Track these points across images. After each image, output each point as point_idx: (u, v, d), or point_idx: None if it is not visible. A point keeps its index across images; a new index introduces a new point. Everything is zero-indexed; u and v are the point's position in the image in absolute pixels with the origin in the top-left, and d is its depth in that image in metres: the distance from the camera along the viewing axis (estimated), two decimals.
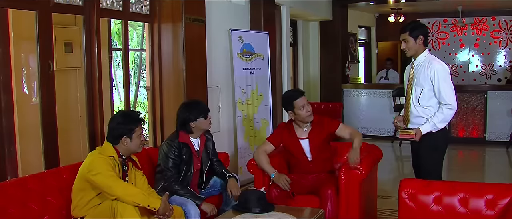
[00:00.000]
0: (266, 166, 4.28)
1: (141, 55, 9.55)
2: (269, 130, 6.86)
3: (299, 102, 4.27)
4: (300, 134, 4.39)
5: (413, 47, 3.99)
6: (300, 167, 4.41)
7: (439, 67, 3.90)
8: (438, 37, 12.13)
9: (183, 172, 4.05)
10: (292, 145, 4.39)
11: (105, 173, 3.30)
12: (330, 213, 4.03)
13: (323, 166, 4.41)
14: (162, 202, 3.38)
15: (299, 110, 4.26)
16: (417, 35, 3.95)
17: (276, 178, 4.20)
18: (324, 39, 10.34)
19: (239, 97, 6.34)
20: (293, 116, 4.32)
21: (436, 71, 3.87)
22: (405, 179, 3.41)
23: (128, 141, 3.48)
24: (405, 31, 3.98)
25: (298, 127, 4.40)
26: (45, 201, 3.37)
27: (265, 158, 4.31)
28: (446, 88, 3.86)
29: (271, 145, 4.39)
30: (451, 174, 7.39)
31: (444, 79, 3.88)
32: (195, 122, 4.06)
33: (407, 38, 3.97)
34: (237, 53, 6.32)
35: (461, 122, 9.25)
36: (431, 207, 3.14)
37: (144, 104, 9.67)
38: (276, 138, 4.44)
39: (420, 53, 4.01)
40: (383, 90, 9.80)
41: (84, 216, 3.40)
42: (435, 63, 3.91)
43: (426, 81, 3.92)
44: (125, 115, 3.60)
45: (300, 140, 4.36)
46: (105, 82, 4.72)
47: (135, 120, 3.53)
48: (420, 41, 3.96)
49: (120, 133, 3.46)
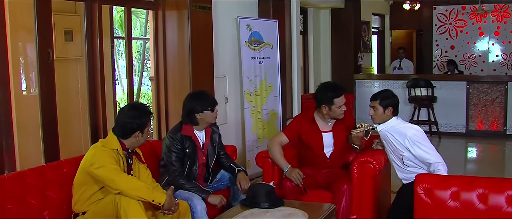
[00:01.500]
0: (280, 159, 4.26)
1: (144, 44, 9.55)
2: (278, 122, 6.84)
3: (340, 101, 4.22)
4: (323, 126, 4.35)
5: (380, 116, 4.08)
6: (316, 162, 4.38)
7: (412, 133, 3.95)
8: (455, 25, 12.02)
9: (187, 166, 4.04)
10: (312, 138, 4.34)
11: (108, 166, 3.29)
12: (344, 208, 4.02)
13: (339, 161, 4.39)
14: (167, 196, 3.37)
15: (336, 107, 4.21)
16: (387, 105, 4.05)
17: (289, 172, 4.18)
18: (336, 27, 10.27)
19: (247, 88, 6.31)
20: (325, 110, 4.25)
21: (410, 138, 3.92)
22: (421, 174, 3.39)
23: (140, 136, 3.49)
24: (375, 99, 4.09)
25: (321, 119, 4.36)
26: (44, 196, 3.37)
27: (279, 150, 4.28)
28: (426, 149, 3.92)
29: (286, 138, 4.35)
30: (470, 168, 7.36)
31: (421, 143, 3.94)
32: (201, 114, 4.04)
33: (376, 106, 4.07)
34: (245, 42, 6.29)
35: (479, 115, 9.19)
36: (448, 203, 3.11)
37: (148, 95, 9.69)
38: (293, 130, 4.39)
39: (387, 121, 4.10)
40: (397, 81, 9.74)
41: (86, 211, 3.40)
42: (408, 130, 3.97)
43: (403, 148, 3.99)
44: (138, 107, 3.58)
45: (323, 133, 4.32)
46: (107, 72, 4.72)
47: (147, 114, 3.55)
48: (389, 112, 4.05)
49: (134, 128, 3.46)
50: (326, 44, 10.36)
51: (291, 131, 4.40)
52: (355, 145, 4.31)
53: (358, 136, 4.25)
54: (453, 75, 10.49)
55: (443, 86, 9.33)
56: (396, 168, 4.16)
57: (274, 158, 4.30)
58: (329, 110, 4.23)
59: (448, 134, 9.27)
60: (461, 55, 12.02)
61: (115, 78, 5.33)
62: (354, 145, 4.32)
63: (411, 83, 9.19)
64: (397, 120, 4.09)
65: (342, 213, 4.02)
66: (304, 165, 4.44)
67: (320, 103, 4.27)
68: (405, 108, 9.09)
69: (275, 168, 4.38)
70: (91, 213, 3.38)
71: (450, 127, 9.37)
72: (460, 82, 9.36)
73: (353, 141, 4.30)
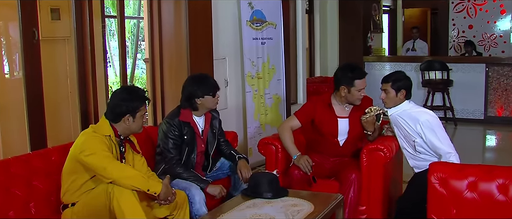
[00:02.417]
0: (289, 145, 4.26)
1: (138, 23, 9.53)
2: (282, 107, 6.83)
3: (361, 84, 4.20)
4: (340, 112, 4.33)
5: (393, 100, 4.07)
6: (327, 149, 4.38)
7: (425, 118, 3.96)
8: (474, 2, 11.92)
9: (185, 153, 4.03)
10: (326, 123, 4.32)
11: (100, 153, 3.28)
12: (353, 199, 4.02)
13: (351, 149, 4.39)
14: (163, 185, 3.37)
15: (356, 90, 4.19)
16: (399, 88, 4.05)
17: (297, 160, 4.17)
18: (344, 6, 10.21)
19: (249, 71, 6.30)
20: (343, 92, 4.23)
21: (423, 123, 3.92)
22: (435, 162, 3.37)
23: (130, 120, 3.47)
24: (387, 82, 4.09)
25: (338, 103, 4.34)
26: (30, 186, 3.36)
27: (290, 136, 4.28)
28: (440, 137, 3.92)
29: (298, 122, 4.34)
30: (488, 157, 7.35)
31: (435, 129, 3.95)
32: (202, 99, 4.04)
33: (388, 89, 4.07)
34: (247, 21, 6.26)
35: (499, 100, 9.16)
36: (465, 194, 3.09)
37: (142, 78, 9.70)
38: (305, 114, 4.38)
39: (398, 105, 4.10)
40: (410, 63, 9.73)
41: (76, 202, 3.39)
42: (421, 115, 3.98)
43: (415, 134, 4.00)
44: (131, 90, 3.58)
45: (339, 119, 4.31)
46: (98, 54, 4.69)
47: (141, 98, 3.52)
48: (401, 95, 4.05)
49: (123, 111, 3.45)
50: (334, 24, 10.31)
51: (303, 114, 4.38)
52: (368, 131, 4.30)
53: (369, 120, 4.24)
54: (471, 57, 10.45)
55: (459, 69, 9.29)
56: (407, 155, 4.15)
57: (284, 144, 4.30)
58: (348, 92, 4.21)
59: (465, 120, 9.26)
60: (480, 36, 11.93)
61: (107, 61, 5.32)
62: (366, 132, 4.31)
63: (425, 65, 9.16)
64: (409, 103, 4.08)
65: (349, 204, 4.01)
66: (312, 152, 4.41)
67: (339, 84, 4.25)
68: (418, 93, 9.08)
69: (279, 155, 4.37)
70: (81, 204, 3.37)
71: (467, 113, 9.35)
72: (478, 64, 9.30)
73: (365, 127, 4.29)
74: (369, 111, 4.22)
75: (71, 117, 5.15)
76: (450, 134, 8.27)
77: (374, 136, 4.33)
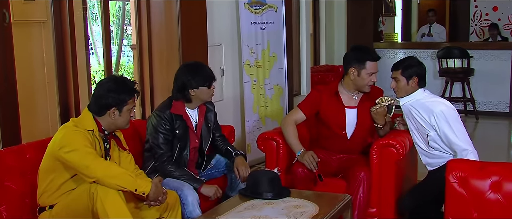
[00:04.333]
0: (293, 140, 4.28)
1: (124, 6, 9.52)
2: (283, 98, 6.84)
3: (373, 67, 4.21)
4: (347, 101, 4.35)
5: (404, 88, 4.11)
6: (333, 144, 4.39)
7: (440, 109, 3.97)
8: None
9: (177, 149, 4.04)
10: (333, 114, 4.33)
11: (82, 150, 3.27)
12: (362, 200, 4.03)
13: (360, 145, 4.40)
14: (153, 185, 3.37)
15: (366, 74, 4.20)
16: (410, 76, 4.07)
17: (301, 156, 4.18)
18: None
19: (247, 59, 6.31)
20: (352, 75, 4.24)
21: (437, 114, 3.94)
22: (454, 159, 3.38)
23: (116, 114, 3.47)
24: (397, 69, 4.13)
25: (346, 92, 4.35)
26: (2, 187, 3.34)
27: (294, 130, 4.30)
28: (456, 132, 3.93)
29: (302, 114, 4.37)
30: None
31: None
32: (196, 90, 4.05)
33: (398, 77, 4.11)
34: (245, 3, 6.26)
35: None
36: (488, 194, 3.09)
37: (129, 67, 9.69)
38: (310, 105, 4.40)
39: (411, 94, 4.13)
40: (426, 51, 9.74)
41: (54, 204, 3.39)
42: (436, 105, 4.00)
43: (429, 127, 4.02)
44: (119, 81, 3.56)
45: (346, 109, 4.32)
46: (79, 39, 4.68)
47: (130, 90, 3.52)
48: (413, 83, 4.08)
49: (109, 103, 3.44)
50: (341, 7, 10.33)
51: (308, 105, 4.40)
52: (378, 124, 4.30)
53: (380, 111, 4.24)
54: (495, 42, 10.44)
55: (482, 56, 9.29)
56: (419, 152, 4.17)
57: (287, 140, 4.32)
58: (358, 75, 4.22)
59: (488, 113, 9.28)
60: (506, 18, 11.91)
61: (89, 47, 5.31)
62: (377, 125, 4.31)
63: (443, 53, 9.16)
64: (424, 92, 4.09)
65: (358, 205, 4.04)
66: (317, 148, 4.42)
67: (349, 65, 4.26)
68: (435, 83, 9.10)
69: (280, 151, 4.39)
70: (60, 206, 3.36)
71: (490, 105, 9.36)
72: (504, 51, 9.28)
73: (375, 119, 4.29)
74: (380, 101, 4.23)
75: (49, 109, 5.13)
76: (471, 129, 8.29)
77: (385, 130, 4.34)
